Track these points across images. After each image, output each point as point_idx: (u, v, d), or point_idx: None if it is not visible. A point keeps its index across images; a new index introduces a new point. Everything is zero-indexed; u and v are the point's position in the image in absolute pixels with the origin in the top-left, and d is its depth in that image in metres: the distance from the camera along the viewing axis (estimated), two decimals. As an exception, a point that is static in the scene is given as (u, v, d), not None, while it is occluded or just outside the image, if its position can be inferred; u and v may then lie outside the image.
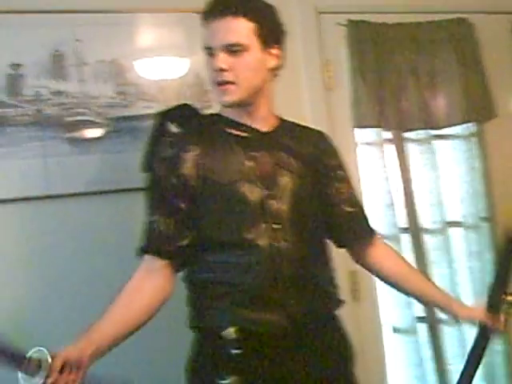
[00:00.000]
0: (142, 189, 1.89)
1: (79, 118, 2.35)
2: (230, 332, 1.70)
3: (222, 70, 1.72)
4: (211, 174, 1.76)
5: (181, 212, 1.76)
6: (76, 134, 2.34)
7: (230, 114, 1.82)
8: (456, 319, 1.96)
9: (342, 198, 1.94)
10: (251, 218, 1.74)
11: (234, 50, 1.72)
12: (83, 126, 2.35)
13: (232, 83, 1.74)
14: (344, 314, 1.92)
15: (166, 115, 1.91)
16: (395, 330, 2.66)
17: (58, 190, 2.30)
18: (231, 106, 1.78)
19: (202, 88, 2.45)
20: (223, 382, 1.69)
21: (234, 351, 1.70)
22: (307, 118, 2.44)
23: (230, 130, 1.81)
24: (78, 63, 2.36)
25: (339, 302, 1.88)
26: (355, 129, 2.64)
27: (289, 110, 1.94)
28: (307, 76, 2.61)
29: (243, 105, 1.78)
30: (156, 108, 2.30)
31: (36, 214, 2.28)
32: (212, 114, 1.92)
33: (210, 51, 1.75)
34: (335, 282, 1.88)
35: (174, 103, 2.03)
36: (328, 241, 1.94)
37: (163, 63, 2.47)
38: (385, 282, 2.05)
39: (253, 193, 1.76)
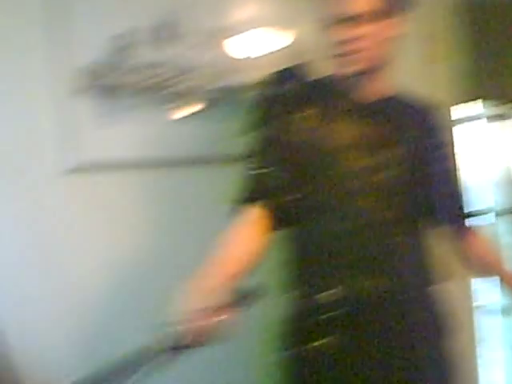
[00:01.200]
0: (239, 159, 1.92)
1: (178, 88, 2.37)
2: (325, 295, 1.74)
3: (351, 40, 1.71)
4: (319, 138, 1.77)
5: (287, 167, 1.78)
6: (175, 105, 2.36)
7: (343, 79, 1.81)
8: None
9: (442, 178, 1.93)
10: (356, 187, 1.76)
11: (362, 19, 1.71)
12: (182, 96, 2.38)
13: (358, 52, 1.73)
14: (440, 292, 1.92)
15: (279, 74, 1.91)
16: (488, 311, 2.62)
17: (159, 159, 2.34)
18: (355, 75, 1.77)
19: (301, 60, 2.42)
20: (314, 344, 1.74)
21: (327, 314, 1.74)
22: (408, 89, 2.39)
23: (340, 96, 1.82)
24: (180, 33, 2.39)
25: (435, 279, 1.89)
26: (472, 101, 2.55)
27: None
28: (411, 47, 2.52)
29: (364, 74, 1.78)
30: (254, 80, 2.30)
31: (137, 183, 2.33)
32: (325, 77, 1.90)
33: (335, 21, 1.72)
34: (431, 259, 1.88)
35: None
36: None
37: (263, 35, 2.45)
38: (477, 273, 2.04)
39: (359, 161, 1.77)
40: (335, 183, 1.77)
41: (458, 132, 2.55)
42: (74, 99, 2.25)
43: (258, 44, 2.44)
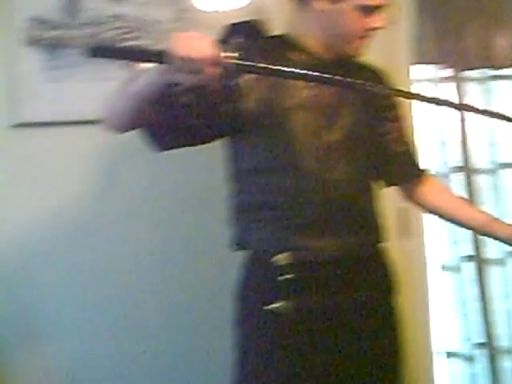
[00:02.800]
0: None
1: (136, 42, 2.33)
2: (282, 258, 1.75)
3: (379, 28, 1.82)
4: (271, 95, 1.77)
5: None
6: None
7: (297, 38, 1.84)
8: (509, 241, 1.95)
9: (393, 138, 1.98)
10: (306, 146, 1.77)
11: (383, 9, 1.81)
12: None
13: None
14: (391, 250, 1.96)
15: (232, 28, 1.89)
16: (442, 268, 2.68)
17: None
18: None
19: (262, 18, 2.42)
20: (271, 306, 1.74)
21: (284, 277, 1.75)
22: (366, 52, 2.41)
23: (292, 56, 1.82)
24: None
25: (384, 237, 1.92)
26: (414, 65, 2.60)
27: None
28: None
29: None
30: (216, 36, 2.34)
31: (93, 137, 2.29)
32: (277, 36, 1.92)
33: (371, 9, 1.78)
34: (381, 218, 1.92)
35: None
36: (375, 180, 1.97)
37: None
38: (436, 215, 2.09)
39: (309, 121, 1.78)
40: (286, 141, 1.77)
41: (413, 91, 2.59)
42: (20, 53, 2.21)
43: (219, 1, 2.42)
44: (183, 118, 1.68)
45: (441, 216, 2.07)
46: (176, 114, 1.67)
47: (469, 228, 2.11)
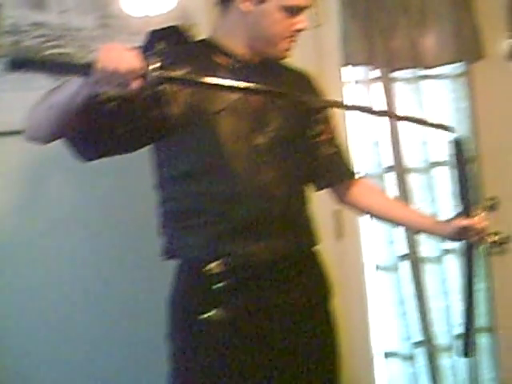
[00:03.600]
0: None
1: (60, 50, 2.28)
2: (213, 266, 1.72)
3: (303, 29, 1.81)
4: (196, 100, 1.74)
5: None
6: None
7: (223, 41, 1.82)
8: (443, 237, 1.99)
9: (323, 140, 1.97)
10: (233, 150, 1.75)
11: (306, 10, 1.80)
12: (64, 59, 2.29)
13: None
14: (327, 252, 1.95)
15: (155, 34, 1.88)
16: (378, 268, 2.69)
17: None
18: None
19: (188, 22, 2.39)
20: (205, 315, 1.72)
21: (217, 285, 1.72)
22: (294, 54, 2.41)
23: (217, 59, 1.80)
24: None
25: (317, 240, 1.92)
26: (343, 67, 2.61)
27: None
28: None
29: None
30: (139, 42, 2.30)
31: (19, 148, 2.22)
32: (201, 41, 1.90)
33: (294, 9, 1.76)
34: (313, 221, 1.91)
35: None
36: (308, 183, 1.97)
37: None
38: (370, 216, 2.10)
39: (237, 125, 1.76)
40: (213, 146, 1.74)
41: (344, 93, 2.61)
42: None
43: (143, 6, 2.37)
44: (108, 127, 1.65)
45: (375, 216, 2.07)
46: (101, 123, 1.64)
47: (403, 226, 2.12)
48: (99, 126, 1.64)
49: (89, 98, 1.55)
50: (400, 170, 2.64)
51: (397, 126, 2.62)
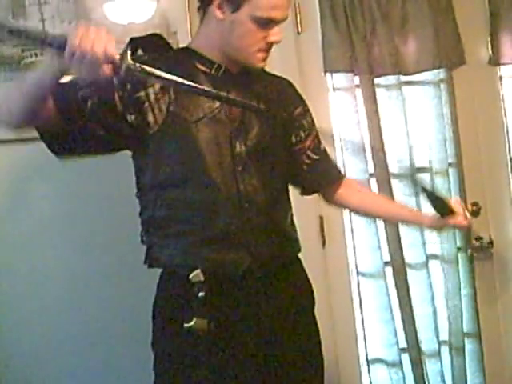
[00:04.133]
0: None
1: (39, 58, 2.27)
2: (194, 275, 1.70)
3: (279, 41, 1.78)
4: (176, 108, 1.73)
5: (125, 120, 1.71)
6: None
7: (202, 49, 1.81)
8: (428, 227, 2.12)
9: (307, 146, 1.97)
10: (215, 157, 1.74)
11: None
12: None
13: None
14: (312, 258, 1.95)
15: (136, 41, 1.84)
16: (363, 275, 2.68)
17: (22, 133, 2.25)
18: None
19: (169, 30, 2.40)
20: (188, 324, 1.69)
21: (198, 294, 1.70)
22: (277, 61, 2.41)
23: (199, 66, 1.79)
24: (38, 2, 2.29)
25: (300, 247, 1.91)
26: (325, 74, 2.61)
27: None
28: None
29: None
30: (120, 50, 2.31)
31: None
32: (183, 48, 1.89)
33: (268, 24, 1.73)
34: (295, 228, 1.91)
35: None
36: (294, 188, 1.98)
37: (129, 5, 2.40)
38: (357, 214, 2.21)
39: (218, 132, 1.75)
40: (193, 154, 1.73)
41: (328, 99, 2.61)
42: None
43: (123, 14, 2.38)
44: (84, 125, 1.64)
45: (365, 214, 2.16)
46: (77, 120, 1.64)
47: (392, 220, 2.18)
48: (75, 122, 1.64)
49: (55, 82, 1.54)
50: (384, 175, 2.64)
51: (381, 133, 2.63)
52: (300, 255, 1.91)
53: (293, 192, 1.97)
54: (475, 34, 2.73)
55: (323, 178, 2.00)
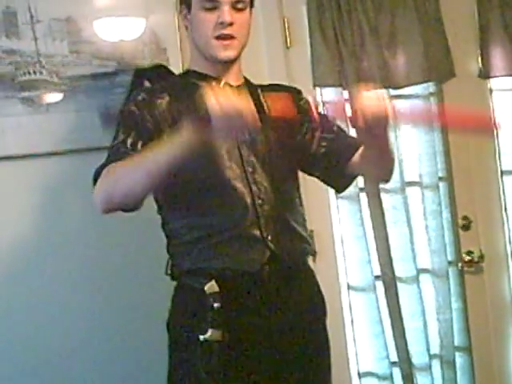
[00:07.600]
0: (99, 148, 1.95)
1: (33, 77, 2.32)
2: (209, 286, 1.73)
3: (229, 24, 1.77)
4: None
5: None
6: (30, 94, 2.31)
7: (203, 69, 1.86)
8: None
9: (316, 139, 1.94)
10: (226, 161, 1.78)
11: (239, 6, 1.79)
12: (37, 85, 2.32)
13: (234, 38, 1.80)
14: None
15: (141, 73, 1.94)
16: (353, 289, 2.69)
17: (13, 150, 2.29)
18: (229, 61, 1.83)
19: (159, 46, 2.42)
20: (203, 336, 1.72)
21: (214, 304, 1.72)
22: (266, 76, 2.44)
23: (201, 83, 1.82)
24: (31, 21, 2.31)
25: (312, 249, 1.97)
26: (314, 88, 2.62)
27: (247, 68, 1.95)
28: (266, 33, 2.58)
29: (234, 61, 1.85)
30: (111, 67, 2.37)
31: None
32: (184, 72, 1.96)
33: (211, 4, 1.77)
34: (307, 230, 1.93)
35: (131, 62, 2.20)
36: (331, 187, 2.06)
37: (119, 22, 2.42)
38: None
39: (230, 145, 1.79)
40: (209, 168, 1.77)
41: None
42: None
43: (114, 31, 2.41)
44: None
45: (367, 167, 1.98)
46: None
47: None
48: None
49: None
50: (374, 190, 2.65)
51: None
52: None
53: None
54: (465, 47, 2.74)
55: (347, 151, 1.93)
